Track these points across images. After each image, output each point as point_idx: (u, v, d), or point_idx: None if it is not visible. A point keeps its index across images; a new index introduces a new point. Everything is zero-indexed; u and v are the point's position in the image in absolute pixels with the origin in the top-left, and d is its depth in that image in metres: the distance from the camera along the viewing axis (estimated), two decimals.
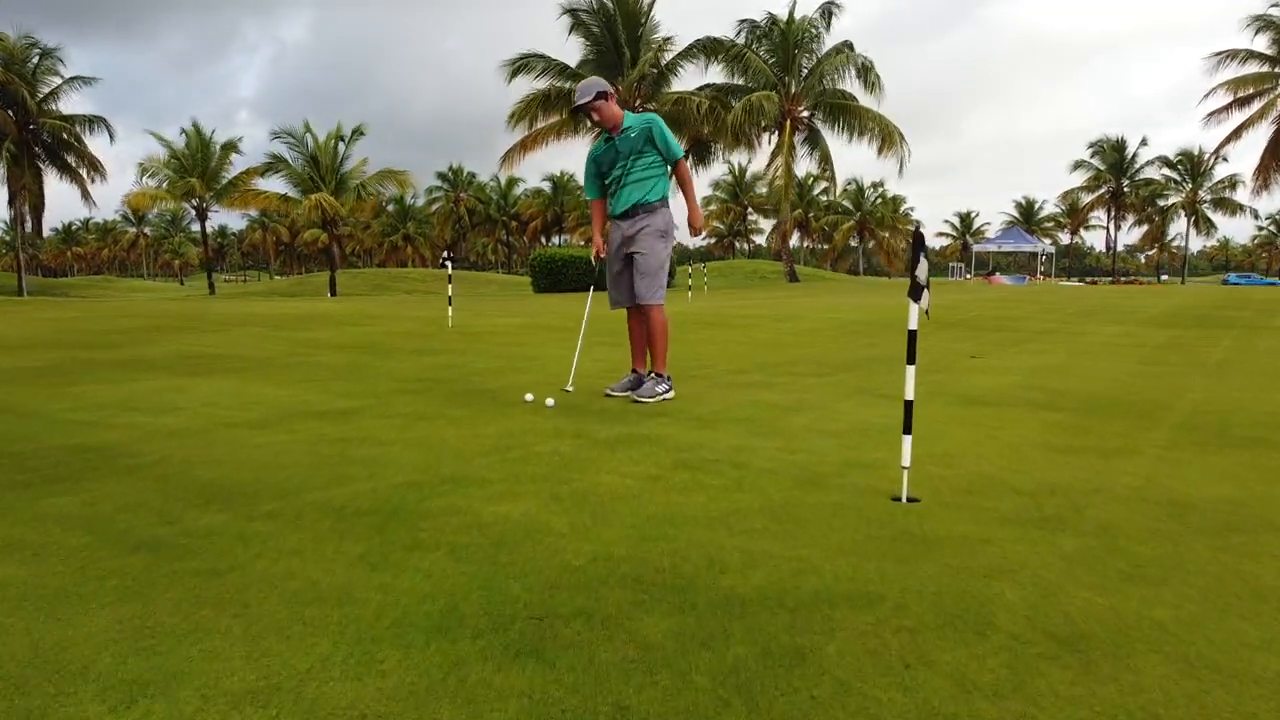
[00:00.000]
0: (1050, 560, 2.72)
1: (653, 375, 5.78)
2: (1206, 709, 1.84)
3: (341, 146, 41.47)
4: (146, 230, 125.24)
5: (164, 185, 41.34)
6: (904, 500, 3.40)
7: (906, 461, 3.44)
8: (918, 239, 3.39)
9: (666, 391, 5.71)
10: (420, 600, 2.35)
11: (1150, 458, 4.18)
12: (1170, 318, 13.62)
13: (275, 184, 41.79)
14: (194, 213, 45.10)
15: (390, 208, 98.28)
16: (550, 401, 5.57)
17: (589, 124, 31.20)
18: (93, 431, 4.62)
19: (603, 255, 5.94)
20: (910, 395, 3.46)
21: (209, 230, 45.53)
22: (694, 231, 5.97)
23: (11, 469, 3.77)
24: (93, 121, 47.72)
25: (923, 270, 3.37)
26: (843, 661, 2.04)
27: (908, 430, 3.46)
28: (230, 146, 43.10)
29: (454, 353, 8.71)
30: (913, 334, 3.44)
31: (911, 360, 3.44)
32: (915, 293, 3.36)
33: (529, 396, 5.69)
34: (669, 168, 5.80)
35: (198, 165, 41.83)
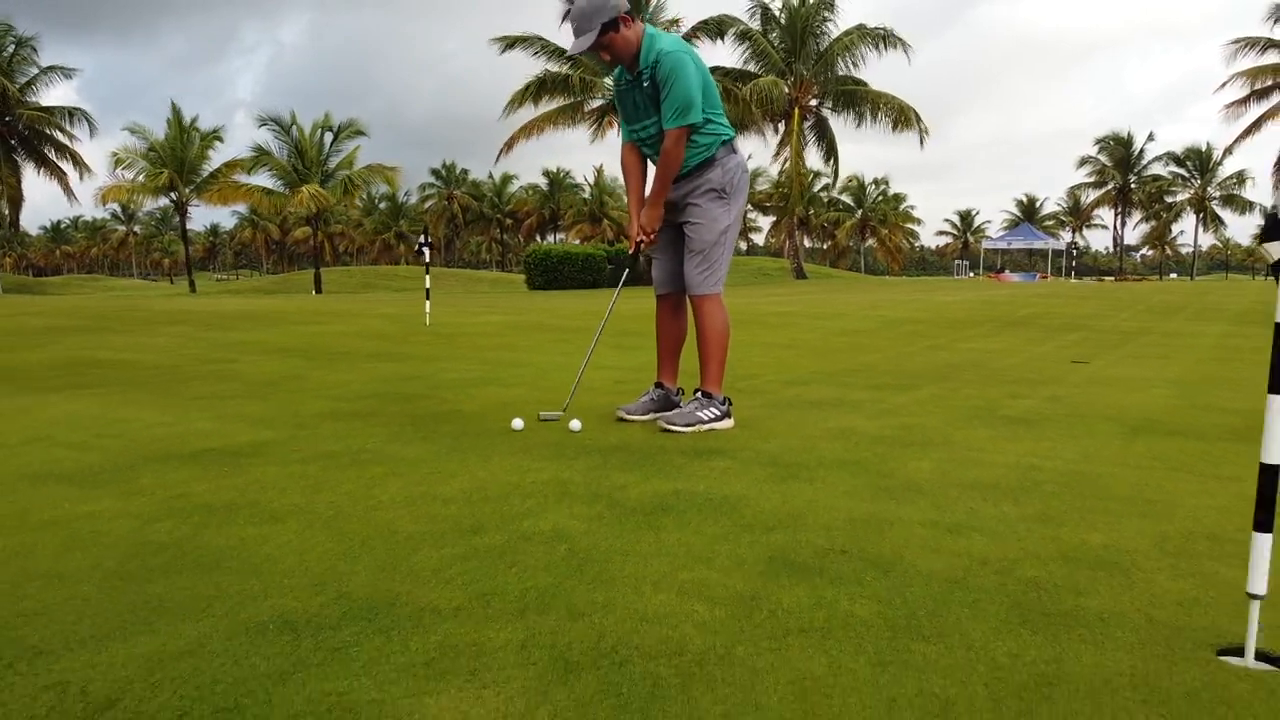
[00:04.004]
0: None
1: (697, 395, 4.05)
2: None
3: (329, 138, 39.42)
4: (136, 229, 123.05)
5: (140, 177, 39.24)
6: (1249, 661, 1.70)
7: (1261, 586, 1.73)
8: None
9: (718, 419, 3.97)
10: None
11: None
12: (1258, 315, 11.92)
13: (259, 178, 39.79)
14: (187, 208, 42.97)
15: (383, 205, 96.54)
16: (575, 424, 3.90)
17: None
18: None
19: (639, 239, 4.07)
20: (1275, 457, 1.74)
21: (201, 228, 43.68)
22: (631, 240, 4.13)
23: None
24: (73, 114, 45.70)
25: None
26: None
27: (1265, 525, 1.74)
28: (212, 136, 40.91)
29: (423, 359, 6.96)
30: None
31: (1276, 388, 1.71)
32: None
33: (518, 423, 3.96)
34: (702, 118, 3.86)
35: (175, 156, 39.70)
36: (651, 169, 4.09)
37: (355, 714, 1.47)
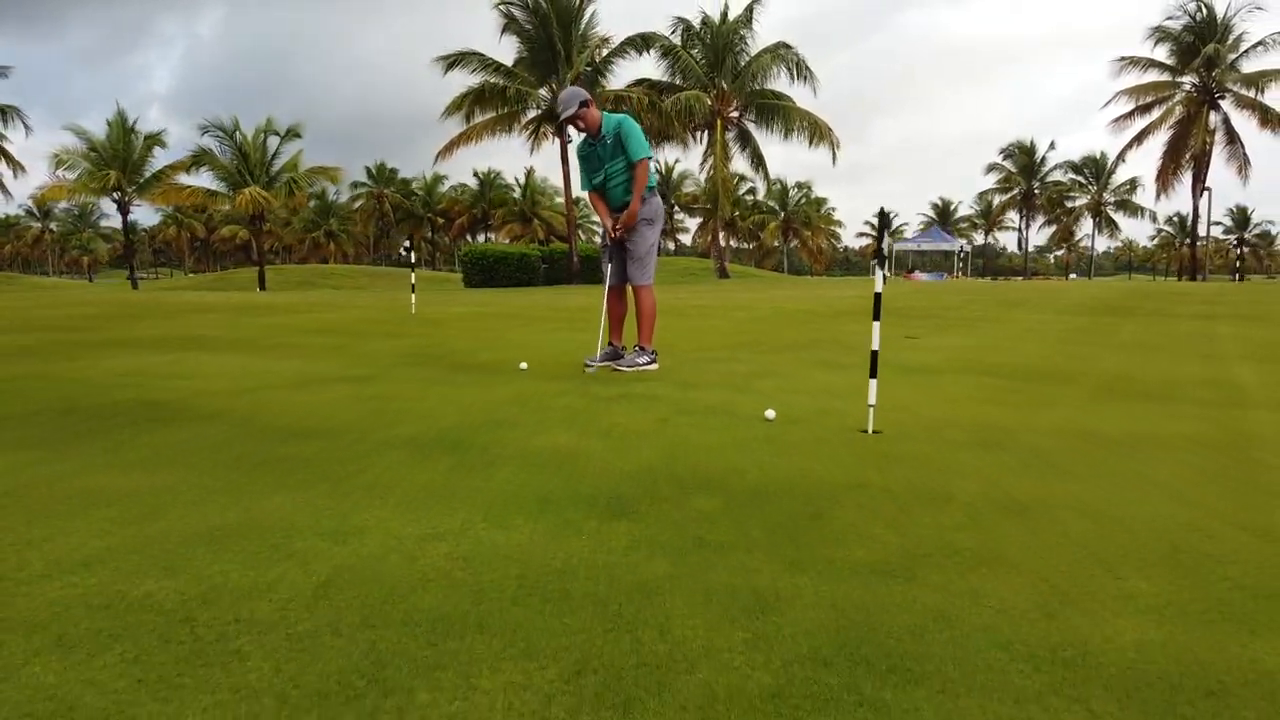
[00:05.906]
0: (993, 466, 3.49)
1: (636, 348, 6.44)
2: (1118, 545, 2.60)
3: (274, 142, 41.03)
4: (52, 226, 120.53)
5: (81, 177, 40.29)
6: (870, 432, 4.14)
7: (873, 400, 4.19)
8: (882, 219, 4.12)
9: (649, 364, 6.37)
10: (517, 490, 3.00)
11: (1070, 407, 5.02)
12: (1083, 307, 14.80)
13: (201, 179, 41.10)
14: (114, 207, 43.89)
15: (312, 204, 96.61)
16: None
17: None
18: (143, 392, 5.11)
19: (616, 230, 6.38)
20: (876, 346, 4.21)
21: (116, 225, 44.36)
22: (621, 225, 6.35)
23: (96, 417, 4.27)
24: (4, 111, 46.12)
25: (886, 245, 4.10)
26: (849, 517, 2.75)
27: (873, 375, 4.21)
28: (154, 139, 42.18)
29: (427, 336, 9.25)
30: (878, 295, 4.19)
31: (876, 317, 4.19)
32: (881, 262, 4.09)
33: (523, 365, 6.31)
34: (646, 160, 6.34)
35: (119, 157, 40.88)
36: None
37: (507, 444, 3.82)
